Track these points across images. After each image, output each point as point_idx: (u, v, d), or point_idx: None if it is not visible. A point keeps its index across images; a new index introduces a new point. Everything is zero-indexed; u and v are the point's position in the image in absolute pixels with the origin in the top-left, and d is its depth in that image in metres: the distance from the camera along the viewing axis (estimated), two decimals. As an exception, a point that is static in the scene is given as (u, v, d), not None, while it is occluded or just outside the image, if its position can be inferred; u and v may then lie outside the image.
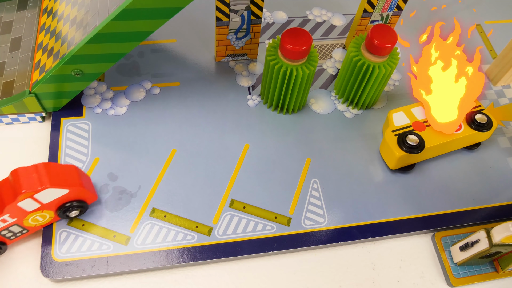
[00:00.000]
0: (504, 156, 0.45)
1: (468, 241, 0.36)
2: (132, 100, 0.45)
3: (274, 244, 0.38)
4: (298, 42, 0.38)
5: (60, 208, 0.35)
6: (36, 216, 0.35)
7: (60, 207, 0.35)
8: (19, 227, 0.35)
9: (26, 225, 0.35)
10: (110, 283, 0.36)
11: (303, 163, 0.42)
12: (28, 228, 0.36)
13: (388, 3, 0.45)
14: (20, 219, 0.34)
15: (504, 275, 0.38)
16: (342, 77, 0.45)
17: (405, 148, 0.40)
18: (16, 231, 0.35)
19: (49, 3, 0.46)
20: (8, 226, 0.34)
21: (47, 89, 0.40)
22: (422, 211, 0.41)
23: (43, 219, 0.36)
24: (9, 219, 0.33)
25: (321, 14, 0.55)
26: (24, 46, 0.44)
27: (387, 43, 0.39)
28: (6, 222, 0.33)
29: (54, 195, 0.34)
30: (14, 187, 0.32)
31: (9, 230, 0.34)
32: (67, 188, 0.34)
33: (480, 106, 0.43)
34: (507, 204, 0.42)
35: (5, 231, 0.34)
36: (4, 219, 0.33)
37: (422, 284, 0.38)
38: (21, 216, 0.34)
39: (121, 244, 0.37)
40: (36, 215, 0.35)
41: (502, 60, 0.48)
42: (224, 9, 0.42)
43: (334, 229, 0.39)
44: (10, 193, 0.32)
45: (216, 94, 0.46)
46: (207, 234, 0.38)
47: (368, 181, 0.42)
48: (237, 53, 0.48)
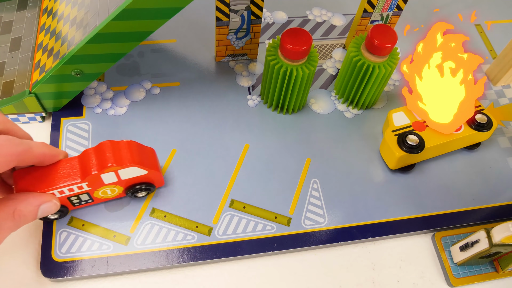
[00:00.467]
0: (504, 156, 0.45)
1: (468, 241, 0.36)
2: (132, 100, 0.45)
3: (274, 244, 0.38)
4: (298, 42, 0.38)
5: (131, 186, 0.36)
6: (107, 189, 0.36)
7: (132, 186, 0.36)
8: (88, 196, 0.36)
9: (94, 196, 0.36)
10: (110, 283, 0.36)
11: (303, 163, 0.42)
12: (95, 198, 0.36)
13: (388, 3, 0.45)
14: (94, 189, 0.35)
15: (504, 275, 0.38)
16: (342, 77, 0.45)
17: (405, 148, 0.40)
18: (83, 199, 0.36)
19: (49, 3, 0.46)
20: (80, 194, 0.35)
21: (47, 89, 0.40)
22: (422, 211, 0.41)
23: (112, 193, 0.37)
24: (85, 187, 0.34)
25: (321, 14, 0.55)
26: (24, 46, 0.44)
27: (387, 43, 0.39)
28: (81, 189, 0.34)
29: (133, 174, 0.35)
30: (100, 158, 0.33)
31: (79, 197, 0.35)
32: (147, 170, 0.35)
33: (480, 106, 0.43)
34: (507, 204, 0.42)
35: (74, 197, 0.35)
36: (82, 186, 0.34)
37: (422, 284, 0.38)
38: (96, 186, 0.34)
39: (121, 244, 0.37)
40: (108, 188, 0.35)
41: (502, 60, 0.48)
42: (224, 9, 0.42)
43: (334, 229, 0.39)
44: (96, 163, 0.33)
45: (216, 94, 0.46)
46: (207, 234, 0.38)
47: (368, 181, 0.42)
48: (237, 53, 0.48)
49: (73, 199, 0.35)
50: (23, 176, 0.33)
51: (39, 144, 0.32)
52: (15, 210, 0.29)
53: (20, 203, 0.30)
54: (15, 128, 0.32)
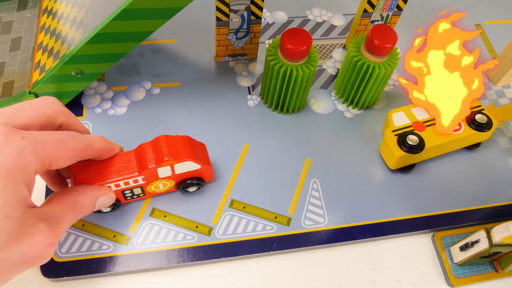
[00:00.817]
0: (504, 156, 0.45)
1: (468, 241, 0.36)
2: (132, 100, 0.45)
3: (274, 244, 0.38)
4: (298, 42, 0.38)
5: (183, 181, 0.36)
6: (160, 183, 0.36)
7: (183, 180, 0.36)
8: (141, 190, 0.36)
9: (147, 190, 0.36)
10: (110, 283, 0.36)
11: (303, 163, 0.42)
12: (146, 193, 0.37)
13: (388, 3, 0.45)
14: (148, 183, 0.35)
15: (504, 275, 0.38)
16: (342, 77, 0.45)
17: (405, 148, 0.40)
18: (135, 193, 0.36)
19: (49, 3, 0.46)
20: (134, 187, 0.35)
21: (47, 89, 0.40)
22: (422, 211, 0.41)
23: (163, 187, 0.37)
24: (140, 181, 0.34)
25: (321, 14, 0.55)
26: (24, 46, 0.44)
27: (387, 43, 0.39)
28: (136, 183, 0.34)
29: (187, 168, 0.35)
30: (157, 152, 0.33)
31: (132, 190, 0.35)
32: (200, 164, 0.35)
33: (480, 106, 0.43)
34: (507, 204, 0.42)
35: (128, 191, 0.35)
36: (137, 179, 0.34)
37: (422, 284, 0.38)
38: (151, 180, 0.35)
39: (121, 244, 0.37)
40: (161, 182, 0.36)
41: (502, 60, 0.48)
42: (224, 9, 0.42)
43: (334, 229, 0.39)
44: (152, 157, 0.33)
45: (216, 94, 0.46)
46: (207, 234, 0.38)
47: (368, 181, 0.42)
48: (237, 53, 0.48)
49: (126, 193, 0.36)
50: (81, 170, 0.33)
51: (98, 139, 0.32)
52: (75, 202, 0.30)
53: (80, 195, 0.31)
54: (76, 122, 0.33)
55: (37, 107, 0.30)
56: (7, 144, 0.25)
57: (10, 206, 0.24)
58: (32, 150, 0.26)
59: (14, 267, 0.26)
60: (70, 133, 0.29)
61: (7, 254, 0.25)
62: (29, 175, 0.26)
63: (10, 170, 0.24)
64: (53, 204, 0.29)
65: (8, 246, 0.24)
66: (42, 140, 0.27)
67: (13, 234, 0.25)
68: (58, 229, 0.28)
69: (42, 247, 0.26)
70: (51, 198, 0.30)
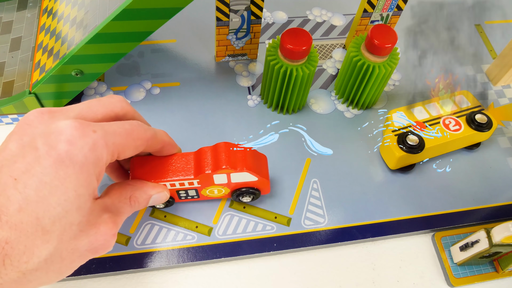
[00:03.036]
0: (504, 156, 0.45)
1: (468, 241, 0.36)
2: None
3: (274, 244, 0.38)
4: (298, 42, 0.38)
5: (238, 189, 0.36)
6: (215, 189, 0.36)
7: (239, 189, 0.36)
8: (195, 192, 0.36)
9: (201, 193, 0.37)
10: (110, 283, 0.36)
11: (303, 163, 0.42)
12: (201, 195, 0.37)
13: (388, 3, 0.45)
14: (203, 187, 0.35)
15: (504, 275, 0.38)
16: (342, 77, 0.45)
17: (405, 148, 0.40)
18: (190, 194, 0.37)
19: (49, 3, 0.46)
20: (189, 189, 0.35)
21: (47, 89, 0.40)
22: (422, 211, 0.41)
23: (218, 193, 0.37)
24: (195, 184, 0.35)
25: (321, 14, 0.55)
26: (24, 46, 0.44)
27: (387, 43, 0.39)
28: (192, 185, 0.35)
29: (244, 178, 0.35)
30: (215, 159, 0.34)
31: (187, 192, 0.36)
32: (257, 177, 0.35)
33: (480, 106, 0.43)
34: (507, 204, 0.42)
35: (183, 191, 0.36)
36: (193, 182, 0.34)
37: (422, 284, 0.38)
38: (206, 185, 0.35)
39: (121, 244, 0.37)
40: (216, 188, 0.36)
41: (502, 60, 0.48)
42: (224, 9, 0.42)
43: (334, 229, 0.39)
44: (210, 163, 0.34)
45: (216, 94, 0.46)
46: (207, 234, 0.38)
47: (368, 181, 0.42)
48: (237, 53, 0.48)
49: (181, 193, 0.36)
50: (140, 164, 0.34)
51: (162, 132, 0.33)
52: (131, 196, 0.31)
53: (136, 190, 0.32)
54: (141, 119, 0.34)
55: (105, 104, 0.30)
56: (81, 138, 0.26)
57: (82, 199, 0.25)
58: (104, 143, 0.27)
59: (81, 256, 0.27)
60: (136, 123, 0.30)
61: (76, 244, 0.26)
62: (100, 168, 0.27)
63: (84, 163, 0.25)
64: (112, 195, 0.30)
65: (77, 237, 0.26)
66: (112, 131, 0.28)
67: (82, 225, 0.26)
68: (119, 220, 0.29)
69: (106, 237, 0.28)
70: (110, 190, 0.30)
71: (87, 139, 0.26)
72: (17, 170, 0.25)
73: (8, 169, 0.25)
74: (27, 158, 0.25)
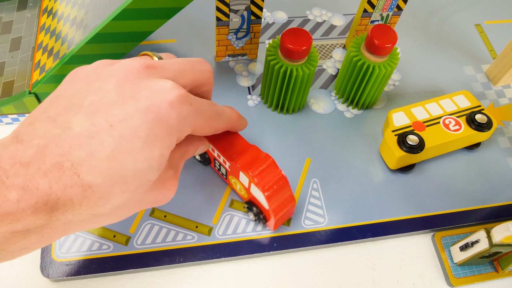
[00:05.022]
0: (504, 156, 0.45)
1: (468, 241, 0.36)
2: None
3: (274, 244, 0.38)
4: (298, 42, 0.38)
5: (251, 202, 0.37)
6: (238, 184, 0.37)
7: (252, 202, 0.37)
8: (225, 172, 0.38)
9: (228, 178, 0.38)
10: (110, 283, 0.36)
11: (303, 163, 0.42)
12: (228, 180, 0.39)
13: (388, 3, 0.45)
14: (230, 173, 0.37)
15: (504, 275, 0.38)
16: (342, 77, 0.45)
17: (405, 148, 0.40)
18: (221, 171, 0.39)
19: (49, 3, 0.46)
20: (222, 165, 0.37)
21: (47, 89, 0.40)
22: (422, 211, 0.41)
23: (239, 189, 0.38)
24: (226, 165, 0.36)
25: (321, 14, 0.55)
26: (24, 46, 0.44)
27: (387, 43, 0.39)
28: (224, 164, 0.37)
29: (259, 197, 0.35)
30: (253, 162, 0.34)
31: (220, 165, 0.38)
32: (269, 206, 0.34)
33: (480, 106, 0.43)
34: (507, 204, 0.42)
35: (217, 163, 0.38)
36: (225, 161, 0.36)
37: (422, 284, 0.38)
38: (232, 173, 0.37)
39: (121, 244, 0.37)
40: (238, 184, 0.37)
41: (502, 60, 0.48)
42: (224, 9, 0.42)
43: (334, 229, 0.39)
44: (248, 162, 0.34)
45: (216, 94, 0.46)
46: (207, 234, 0.38)
47: (368, 181, 0.42)
48: (237, 53, 0.48)
49: (216, 163, 0.38)
50: None
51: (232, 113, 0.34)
52: (186, 150, 0.33)
53: (189, 144, 0.33)
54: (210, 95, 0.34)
55: (197, 72, 0.31)
56: (181, 105, 0.26)
57: (163, 159, 0.27)
58: (193, 118, 0.28)
59: (143, 206, 0.29)
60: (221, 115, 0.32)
61: (145, 197, 0.28)
62: (181, 137, 0.28)
63: (174, 128, 0.26)
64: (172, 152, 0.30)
65: (148, 191, 0.27)
66: (201, 110, 0.29)
67: (156, 182, 0.27)
68: (178, 175, 0.31)
69: (169, 193, 0.30)
70: None
71: (185, 108, 0.27)
72: (114, 116, 0.24)
73: (105, 113, 0.24)
74: (127, 107, 0.25)
